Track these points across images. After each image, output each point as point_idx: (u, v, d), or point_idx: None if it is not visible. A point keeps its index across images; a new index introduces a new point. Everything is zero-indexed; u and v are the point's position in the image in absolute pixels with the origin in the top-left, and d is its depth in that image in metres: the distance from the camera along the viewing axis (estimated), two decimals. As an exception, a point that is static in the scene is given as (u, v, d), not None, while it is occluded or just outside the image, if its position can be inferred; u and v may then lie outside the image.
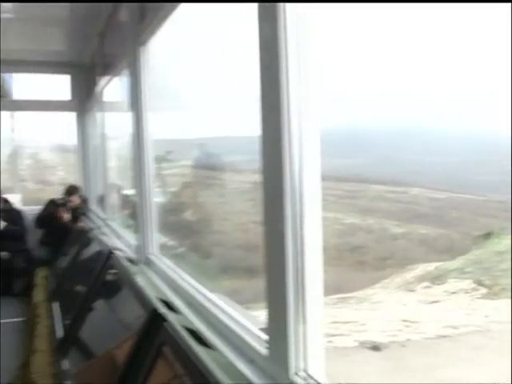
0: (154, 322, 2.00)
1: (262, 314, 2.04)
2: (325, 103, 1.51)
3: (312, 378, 1.47)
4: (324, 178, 1.49)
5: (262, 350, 1.68)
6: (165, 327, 1.89)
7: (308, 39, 1.45)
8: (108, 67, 4.65)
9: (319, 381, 1.45)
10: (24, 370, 3.44)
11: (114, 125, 5.01)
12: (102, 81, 4.91)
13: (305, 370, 1.49)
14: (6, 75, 7.32)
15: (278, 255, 1.49)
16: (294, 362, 1.49)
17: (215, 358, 1.69)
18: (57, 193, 6.97)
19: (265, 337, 1.69)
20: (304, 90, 1.46)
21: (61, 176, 9.65)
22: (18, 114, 7.07)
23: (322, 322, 1.51)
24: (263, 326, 1.80)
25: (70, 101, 6.93)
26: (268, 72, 1.50)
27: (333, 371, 1.52)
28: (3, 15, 4.63)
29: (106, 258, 3.37)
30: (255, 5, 1.56)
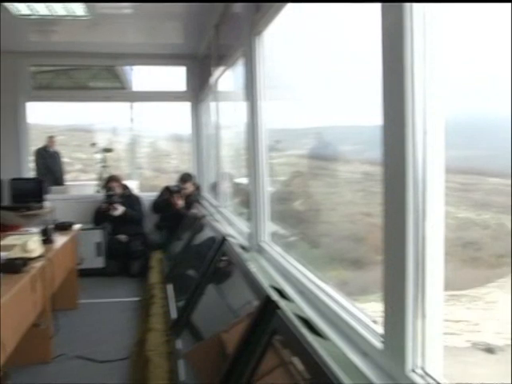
0: (267, 309, 2.02)
1: (368, 307, 2.01)
2: (448, 91, 1.44)
3: (430, 376, 1.41)
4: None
5: (377, 343, 1.65)
6: (278, 314, 1.91)
7: (434, 27, 1.39)
8: (222, 58, 4.74)
9: (438, 380, 1.40)
10: (140, 346, 3.61)
11: (227, 114, 5.11)
12: (217, 71, 5.01)
13: (422, 368, 1.43)
14: (126, 68, 7.73)
15: (398, 248, 1.45)
16: (411, 359, 1.44)
17: (328, 347, 1.68)
18: (171, 180, 7.26)
19: (379, 330, 1.66)
20: (429, 78, 1.40)
21: (174, 164, 10.01)
22: (137, 104, 7.41)
23: (442, 319, 1.46)
24: (372, 318, 1.77)
25: (185, 91, 7.17)
26: (392, 61, 1.46)
27: (445, 371, 1.46)
28: (123, 11, 4.88)
29: (220, 244, 3.46)
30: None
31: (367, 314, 1.86)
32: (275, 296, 2.09)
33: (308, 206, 3.19)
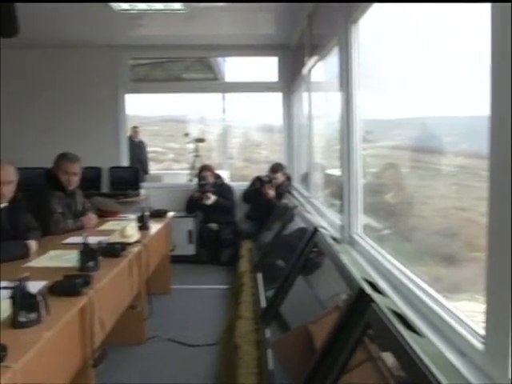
0: (361, 302, 1.99)
1: (461, 306, 1.92)
2: None
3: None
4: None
5: (477, 343, 1.58)
6: (372, 308, 1.87)
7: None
8: (315, 48, 4.70)
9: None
10: (229, 333, 3.67)
11: (319, 105, 5.06)
12: (310, 61, 4.97)
13: (528, 374, 1.36)
14: (219, 59, 7.86)
15: (504, 246, 1.37)
16: (517, 363, 1.36)
17: (424, 345, 1.62)
18: (261, 170, 7.32)
19: (480, 330, 1.58)
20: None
21: (264, 154, 10.07)
22: (229, 95, 7.51)
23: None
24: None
25: (277, 82, 7.18)
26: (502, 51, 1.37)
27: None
28: (218, 4, 4.94)
29: (311, 234, 3.44)
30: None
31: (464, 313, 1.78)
32: (368, 289, 2.05)
33: (399, 198, 3.10)
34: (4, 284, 2.12)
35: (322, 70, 4.78)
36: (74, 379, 2.29)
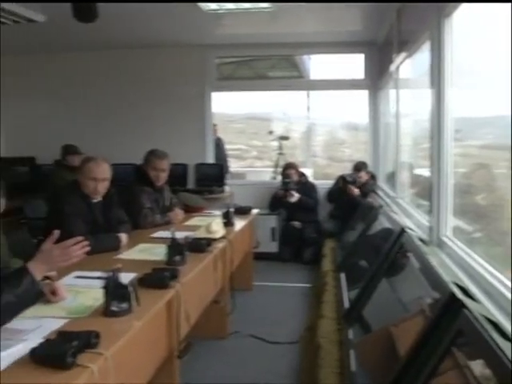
0: (451, 308, 1.91)
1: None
2: None
3: None
4: None
5: None
6: (464, 314, 1.79)
7: None
8: (404, 43, 4.57)
9: None
10: (310, 332, 3.66)
11: (407, 102, 4.92)
12: (398, 57, 4.85)
13: None
14: (304, 57, 7.82)
15: None
16: None
17: (521, 356, 1.53)
18: (343, 169, 7.24)
19: None
20: None
21: (348, 153, 9.94)
22: (313, 92, 7.47)
23: None
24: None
25: (362, 79, 7.06)
26: None
27: None
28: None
29: (397, 235, 3.36)
30: None
31: None
32: (459, 294, 1.96)
33: (491, 200, 2.96)
34: (97, 274, 2.22)
35: (411, 66, 4.65)
36: (159, 369, 2.36)
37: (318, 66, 7.92)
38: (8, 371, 1.57)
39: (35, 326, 1.90)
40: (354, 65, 7.18)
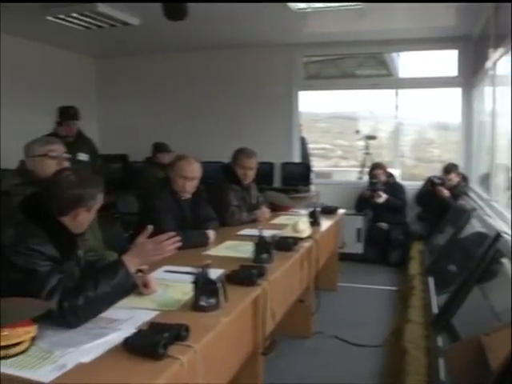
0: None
1: None
2: None
3: None
4: None
5: None
6: None
7: None
8: (502, 38, 4.35)
9: None
10: (396, 336, 3.58)
11: (505, 100, 4.68)
12: (495, 53, 4.62)
13: None
14: (393, 54, 7.63)
15: None
16: None
17: None
18: (431, 170, 7.02)
19: None
20: None
21: (436, 153, 9.64)
22: (402, 91, 7.27)
23: None
24: None
25: (455, 77, 6.75)
26: None
27: None
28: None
29: (492, 240, 3.21)
30: None
31: None
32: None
33: None
34: (186, 269, 2.27)
35: (510, 62, 4.42)
36: (244, 366, 2.39)
37: (408, 63, 7.70)
38: (102, 358, 1.65)
39: (128, 317, 1.99)
40: (445, 61, 6.92)
